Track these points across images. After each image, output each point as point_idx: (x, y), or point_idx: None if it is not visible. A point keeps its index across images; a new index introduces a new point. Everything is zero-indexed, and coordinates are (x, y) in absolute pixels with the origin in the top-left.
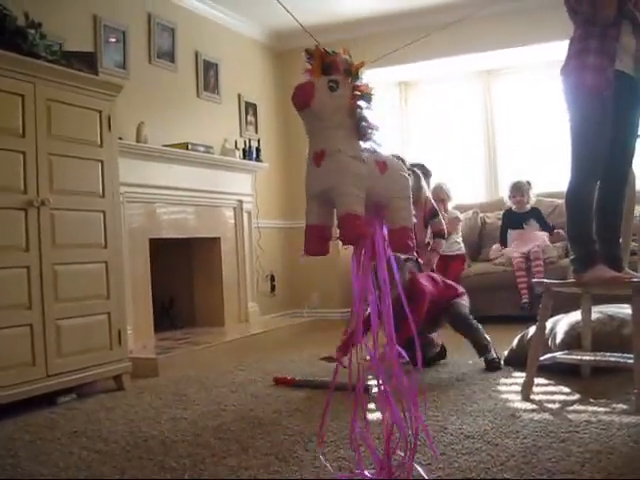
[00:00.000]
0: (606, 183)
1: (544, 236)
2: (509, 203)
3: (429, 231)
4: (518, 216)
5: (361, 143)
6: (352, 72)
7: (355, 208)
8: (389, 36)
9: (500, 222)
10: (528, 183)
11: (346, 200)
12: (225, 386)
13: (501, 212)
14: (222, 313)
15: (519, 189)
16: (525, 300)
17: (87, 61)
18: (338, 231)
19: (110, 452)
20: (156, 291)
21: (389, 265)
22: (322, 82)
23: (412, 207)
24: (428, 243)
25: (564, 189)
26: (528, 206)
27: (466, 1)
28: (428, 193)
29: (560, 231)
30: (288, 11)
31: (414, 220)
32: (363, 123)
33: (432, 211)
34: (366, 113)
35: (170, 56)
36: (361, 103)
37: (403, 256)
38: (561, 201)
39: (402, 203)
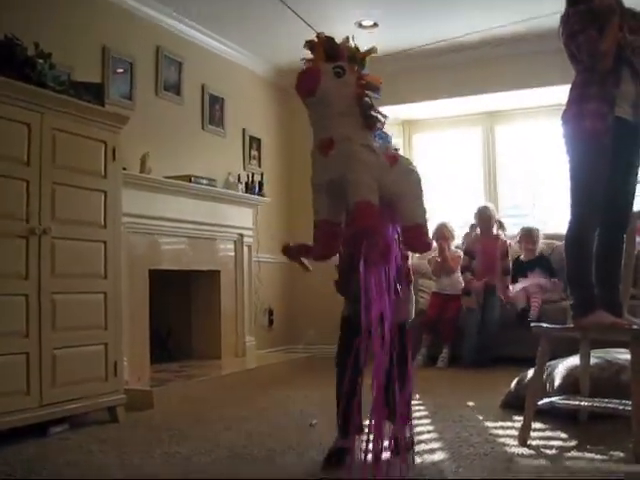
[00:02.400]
0: (606, 228)
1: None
2: (516, 247)
3: None
4: (525, 265)
5: (371, 133)
6: (358, 59)
7: (369, 197)
8: (391, 75)
9: None
10: (537, 230)
11: (359, 189)
12: (219, 421)
13: None
14: (219, 346)
15: (530, 236)
16: (522, 306)
17: (94, 92)
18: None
19: None
20: (154, 322)
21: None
22: (327, 68)
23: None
24: None
25: (563, 231)
26: (536, 252)
27: (472, 44)
28: None
29: (556, 280)
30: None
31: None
32: (371, 112)
33: None
34: (374, 102)
35: (177, 89)
36: (368, 92)
37: None
38: (560, 243)
39: (414, 199)
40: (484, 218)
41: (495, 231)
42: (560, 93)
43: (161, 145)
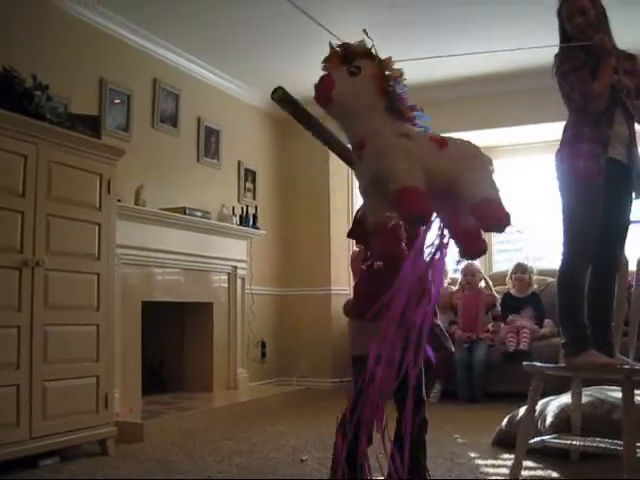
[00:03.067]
0: (598, 267)
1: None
2: (509, 285)
3: None
4: (517, 301)
5: (406, 124)
6: (375, 54)
7: (411, 182)
8: None
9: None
10: (531, 267)
11: (398, 174)
12: (210, 455)
13: (496, 287)
14: (211, 378)
15: (523, 268)
16: (512, 348)
17: (91, 124)
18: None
19: None
20: (146, 353)
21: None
22: (342, 71)
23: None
24: None
25: (556, 267)
26: (529, 290)
27: (469, 79)
28: None
29: (549, 321)
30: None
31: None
32: (395, 101)
33: None
34: (399, 92)
35: (173, 121)
36: (391, 83)
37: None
38: (553, 279)
39: (478, 174)
40: (469, 273)
41: (482, 286)
42: (555, 130)
43: (156, 177)
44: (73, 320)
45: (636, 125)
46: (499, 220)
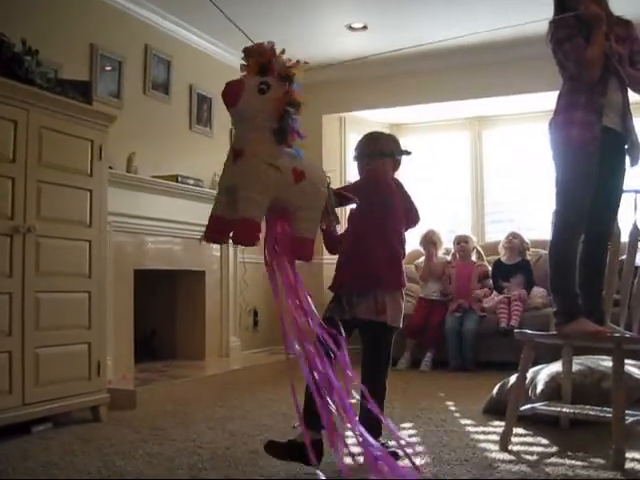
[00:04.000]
0: (590, 237)
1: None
2: (502, 251)
3: None
4: (507, 267)
5: (283, 148)
6: (288, 76)
7: (253, 213)
8: (380, 78)
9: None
10: (526, 242)
11: (245, 205)
12: (203, 422)
13: (488, 257)
14: (203, 347)
15: (514, 234)
16: (503, 325)
17: (82, 90)
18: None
19: None
20: (138, 322)
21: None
22: (253, 83)
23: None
24: None
25: (548, 237)
26: (519, 257)
27: (460, 49)
28: None
29: (541, 290)
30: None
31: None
32: (285, 128)
33: None
34: (293, 119)
35: (165, 88)
36: (289, 109)
37: None
38: (545, 252)
39: (308, 214)
40: (462, 241)
41: (474, 259)
42: (548, 100)
43: (148, 144)
44: (65, 287)
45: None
46: (302, 256)
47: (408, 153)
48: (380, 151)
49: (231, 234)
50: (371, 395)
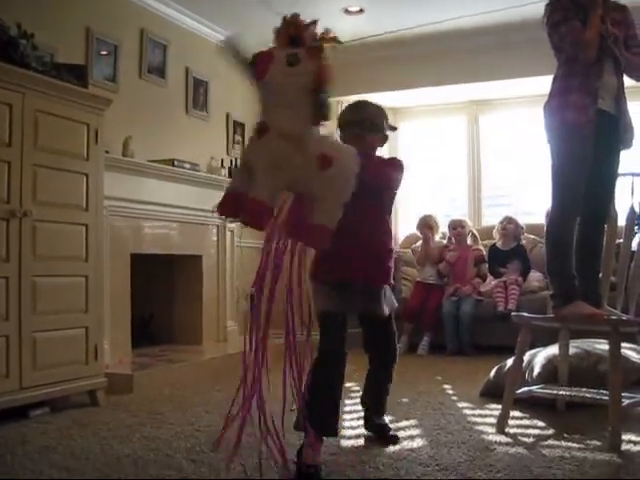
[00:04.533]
0: (586, 219)
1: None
2: (496, 237)
3: None
4: (503, 253)
5: (316, 129)
6: (319, 50)
7: (264, 196)
8: (376, 62)
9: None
10: (521, 227)
11: (256, 185)
12: (200, 406)
13: (484, 241)
14: (200, 331)
15: (509, 219)
16: (501, 309)
17: (77, 73)
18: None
19: (80, 470)
20: (136, 306)
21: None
22: (281, 54)
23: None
24: None
25: (545, 222)
26: (515, 242)
27: (457, 32)
28: None
29: (538, 275)
30: None
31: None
32: (322, 104)
33: None
34: (325, 96)
35: (160, 72)
36: (322, 85)
37: None
38: (540, 238)
39: (331, 205)
40: (458, 226)
41: (469, 242)
42: (545, 83)
43: (144, 128)
44: (62, 271)
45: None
46: (317, 245)
47: (394, 129)
48: (371, 122)
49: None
50: (387, 379)
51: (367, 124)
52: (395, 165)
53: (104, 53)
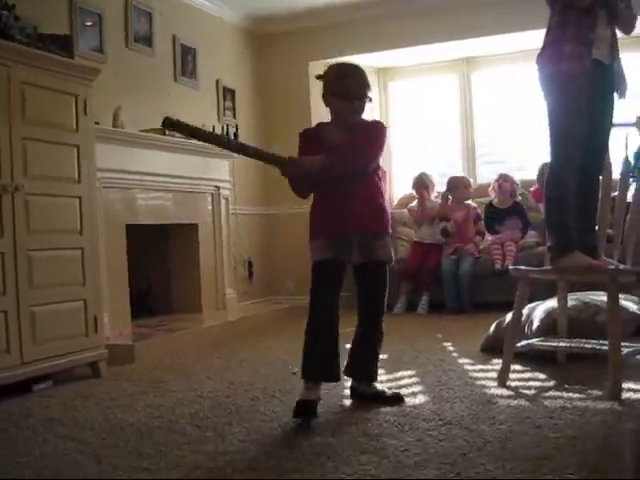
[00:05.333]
0: (582, 170)
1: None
2: (492, 194)
3: None
4: (499, 211)
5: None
6: None
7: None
8: (367, 21)
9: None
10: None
11: None
12: (202, 373)
13: (480, 199)
14: (199, 300)
15: (504, 176)
16: (498, 266)
17: (63, 44)
18: None
19: (86, 440)
20: (133, 277)
21: None
22: None
23: None
24: None
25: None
26: (512, 200)
27: None
28: None
29: (533, 233)
30: None
31: None
32: None
33: None
34: None
35: (147, 40)
36: None
37: None
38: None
39: None
40: (457, 187)
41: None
42: (537, 37)
43: (134, 98)
44: (57, 244)
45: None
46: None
47: (370, 100)
48: (360, 91)
49: None
50: (377, 339)
51: (356, 93)
52: (374, 140)
53: (89, 24)
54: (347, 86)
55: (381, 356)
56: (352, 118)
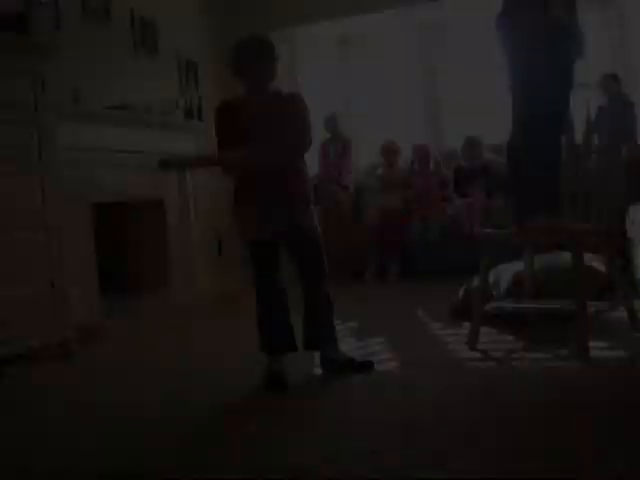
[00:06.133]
0: (544, 132)
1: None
2: (460, 156)
3: None
4: (468, 173)
5: None
6: None
7: None
8: None
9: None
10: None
11: None
12: (173, 348)
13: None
14: (169, 275)
15: (471, 139)
16: (466, 230)
17: (16, 22)
18: None
19: (54, 420)
20: (100, 256)
21: None
22: None
23: None
24: None
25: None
26: (480, 162)
27: None
28: None
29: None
30: None
31: None
32: None
33: None
34: None
35: (105, 13)
36: None
37: None
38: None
39: None
40: (422, 155)
41: (432, 168)
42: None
43: (92, 75)
44: (20, 225)
45: None
46: None
47: (277, 59)
48: (275, 56)
49: None
50: (328, 310)
51: (275, 59)
52: (304, 131)
53: (43, 1)
54: (246, 67)
55: (350, 324)
56: (265, 89)
